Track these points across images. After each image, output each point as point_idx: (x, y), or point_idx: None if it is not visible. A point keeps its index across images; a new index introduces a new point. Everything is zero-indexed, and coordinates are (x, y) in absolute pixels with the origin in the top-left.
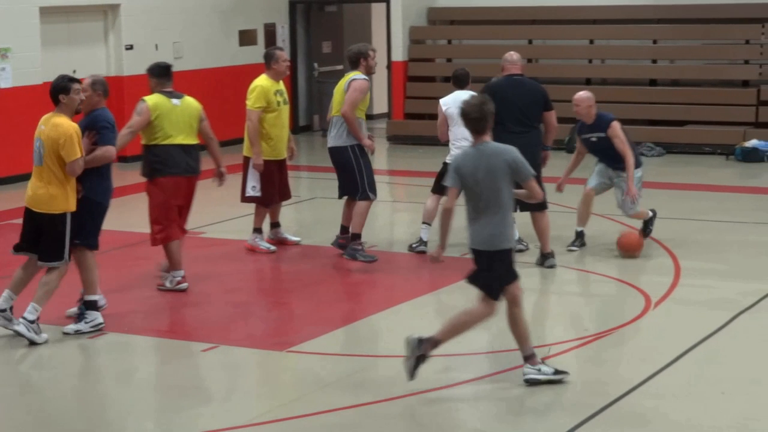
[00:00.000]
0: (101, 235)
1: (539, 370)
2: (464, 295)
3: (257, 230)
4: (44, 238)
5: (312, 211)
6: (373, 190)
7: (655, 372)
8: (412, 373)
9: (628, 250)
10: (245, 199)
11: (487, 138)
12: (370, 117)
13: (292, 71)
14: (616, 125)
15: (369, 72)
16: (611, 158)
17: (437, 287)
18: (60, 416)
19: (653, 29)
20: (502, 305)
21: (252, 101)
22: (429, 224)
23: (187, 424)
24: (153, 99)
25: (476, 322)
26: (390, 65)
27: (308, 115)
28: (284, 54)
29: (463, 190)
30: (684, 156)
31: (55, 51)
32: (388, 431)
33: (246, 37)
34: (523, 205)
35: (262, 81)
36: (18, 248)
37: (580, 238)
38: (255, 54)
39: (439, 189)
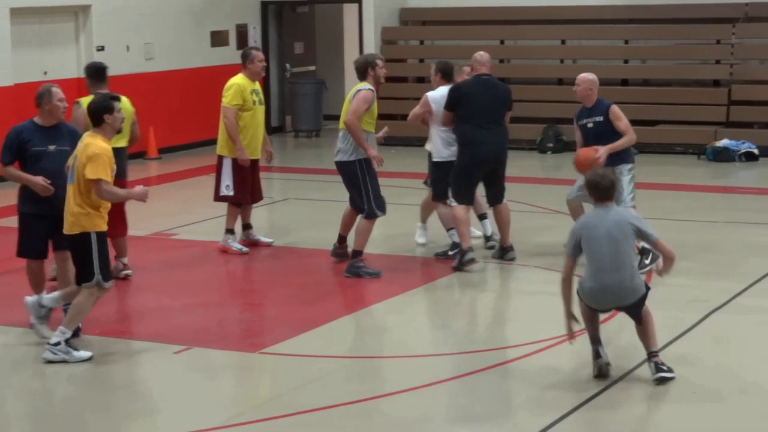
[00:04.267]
0: None
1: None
2: (436, 296)
3: (229, 231)
4: (75, 260)
5: (284, 213)
6: (381, 208)
7: (629, 370)
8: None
9: (582, 164)
10: (218, 198)
11: (611, 203)
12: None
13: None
14: (616, 108)
15: (377, 82)
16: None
17: (411, 287)
18: (35, 421)
19: (625, 29)
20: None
21: (228, 99)
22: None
23: (160, 427)
24: (87, 102)
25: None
26: None
27: (280, 116)
28: (260, 54)
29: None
30: (655, 156)
31: (25, 52)
32: None
33: (218, 38)
34: (487, 197)
35: (239, 79)
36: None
37: None
38: (227, 55)
39: (442, 195)
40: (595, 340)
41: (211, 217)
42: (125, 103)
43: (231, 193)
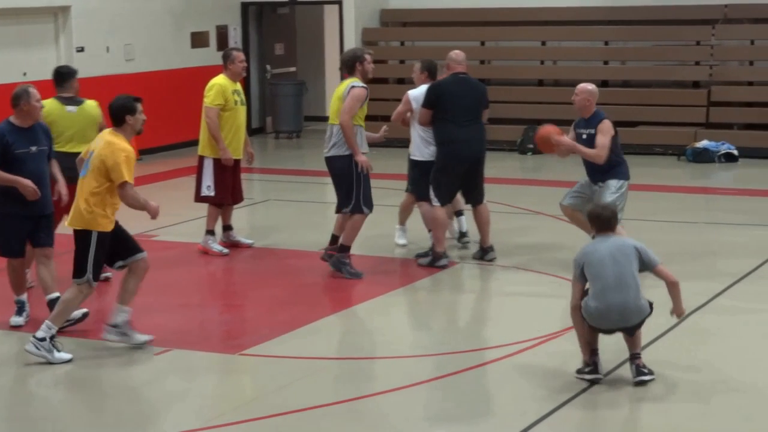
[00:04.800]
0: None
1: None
2: (417, 297)
3: (210, 232)
4: (75, 251)
5: (265, 214)
6: (368, 205)
7: (610, 370)
8: None
9: (542, 138)
10: (199, 198)
11: (611, 233)
12: (323, 119)
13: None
14: (607, 122)
15: (365, 76)
16: (596, 166)
17: (391, 289)
18: (13, 421)
19: (605, 30)
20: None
21: (210, 99)
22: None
23: (141, 429)
24: (47, 104)
25: None
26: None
27: (261, 117)
28: (241, 55)
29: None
30: (635, 157)
31: (5, 53)
32: None
33: (198, 39)
34: (466, 197)
35: (220, 80)
36: (110, 264)
37: None
38: (207, 56)
39: (423, 194)
40: (594, 353)
41: (191, 219)
42: (91, 107)
43: (212, 193)
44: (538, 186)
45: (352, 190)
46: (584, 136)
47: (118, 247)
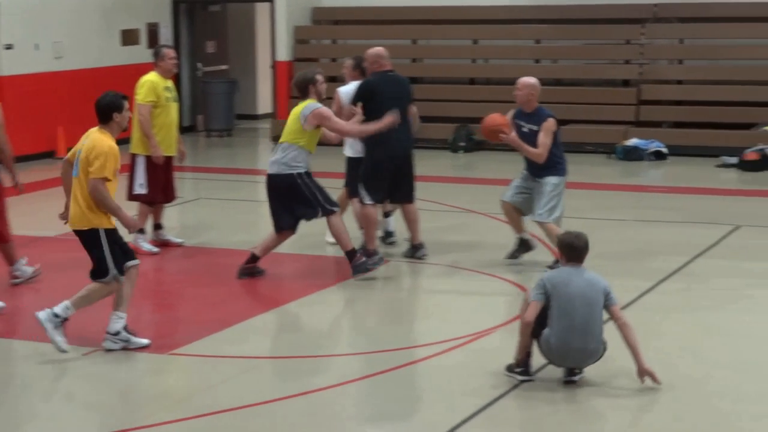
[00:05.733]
0: None
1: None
2: (348, 295)
3: (140, 231)
4: (89, 255)
5: (196, 213)
6: (333, 203)
7: (538, 368)
8: None
9: (488, 127)
10: (132, 197)
11: (581, 265)
12: (254, 117)
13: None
14: (552, 121)
15: (320, 97)
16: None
17: (322, 287)
18: None
19: (536, 29)
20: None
21: (142, 95)
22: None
23: (69, 430)
24: None
25: None
26: (274, 65)
27: (192, 115)
28: (171, 51)
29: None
30: (566, 155)
31: None
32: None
33: (128, 37)
34: (392, 198)
35: (151, 77)
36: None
37: (522, 246)
38: (138, 54)
39: (355, 193)
40: (529, 355)
41: None
42: None
43: (144, 191)
44: (470, 184)
45: (311, 201)
46: (525, 130)
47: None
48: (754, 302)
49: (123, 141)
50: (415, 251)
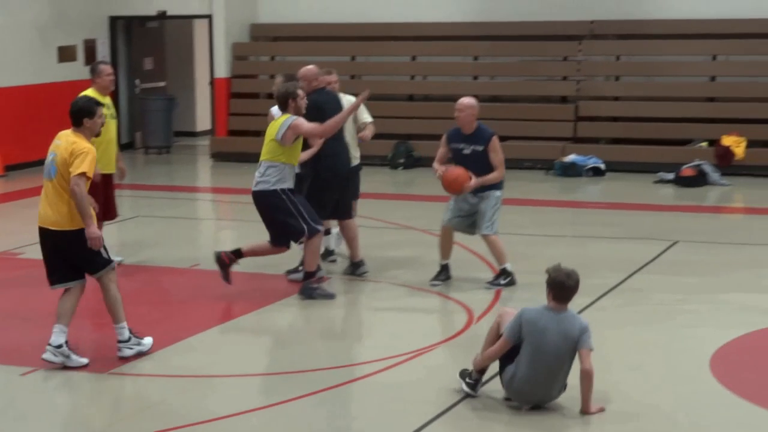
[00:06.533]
0: None
1: None
2: (290, 312)
3: None
4: (79, 255)
5: (134, 230)
6: (318, 222)
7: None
8: None
9: (452, 184)
10: None
11: (566, 307)
12: (193, 134)
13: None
14: (497, 140)
15: (299, 113)
16: (477, 175)
17: (260, 306)
18: None
19: (474, 46)
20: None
21: None
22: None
23: None
24: None
25: None
26: (213, 82)
27: (130, 132)
28: (108, 68)
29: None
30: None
31: None
32: None
33: (65, 53)
34: (332, 213)
35: (89, 93)
36: (53, 282)
37: (444, 272)
38: (75, 70)
39: None
40: (482, 373)
41: None
42: None
43: None
44: (409, 201)
45: (296, 219)
46: (466, 152)
47: (67, 267)
48: (692, 317)
49: None
50: (355, 268)
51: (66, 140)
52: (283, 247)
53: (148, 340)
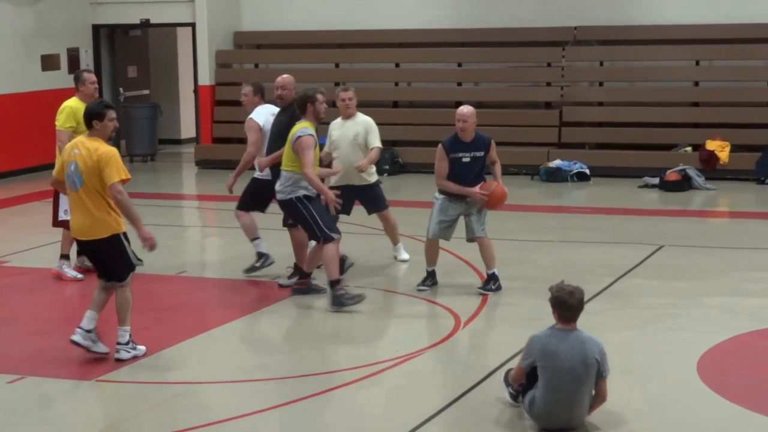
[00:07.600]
0: None
1: None
2: (273, 319)
3: (64, 257)
4: (108, 262)
5: None
6: (334, 230)
7: (466, 390)
8: None
9: (499, 200)
10: (57, 223)
11: (575, 326)
12: (178, 142)
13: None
14: (494, 144)
15: (318, 118)
16: (472, 183)
17: (249, 311)
18: None
19: (458, 52)
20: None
21: (61, 122)
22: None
23: None
24: None
25: None
26: (197, 89)
27: (115, 140)
28: (92, 76)
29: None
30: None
31: None
32: None
33: (48, 62)
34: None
35: (72, 102)
36: (102, 278)
37: (431, 277)
38: (58, 79)
39: (246, 205)
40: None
41: (45, 244)
42: None
43: (69, 217)
44: (394, 207)
45: (312, 226)
46: (466, 160)
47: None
48: (679, 321)
49: (44, 167)
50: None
51: (84, 147)
52: (328, 241)
53: (142, 348)
